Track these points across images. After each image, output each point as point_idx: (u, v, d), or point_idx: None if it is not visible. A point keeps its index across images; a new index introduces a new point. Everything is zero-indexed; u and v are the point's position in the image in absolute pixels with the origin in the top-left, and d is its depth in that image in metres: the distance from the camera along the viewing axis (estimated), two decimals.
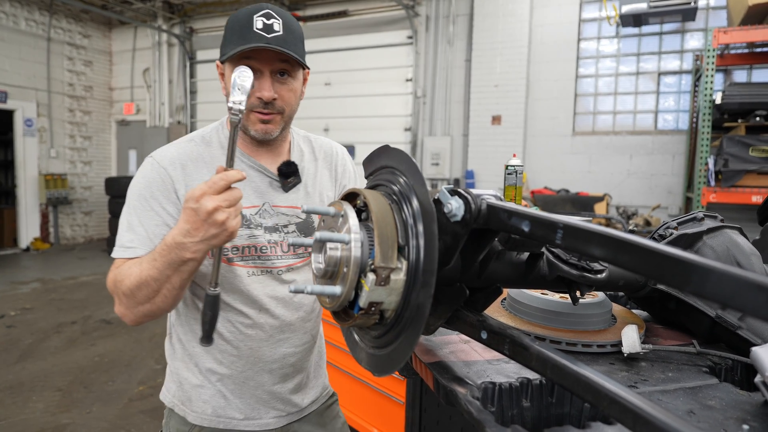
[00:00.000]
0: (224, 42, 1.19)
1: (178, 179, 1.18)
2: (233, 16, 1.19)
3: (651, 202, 6.42)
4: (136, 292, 1.07)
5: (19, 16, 8.85)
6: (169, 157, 1.20)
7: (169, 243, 1.02)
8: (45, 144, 9.38)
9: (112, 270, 1.15)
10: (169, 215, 1.17)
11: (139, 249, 1.14)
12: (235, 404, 1.29)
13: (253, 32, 1.13)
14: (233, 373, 1.28)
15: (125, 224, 1.18)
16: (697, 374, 0.94)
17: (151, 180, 1.18)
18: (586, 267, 0.93)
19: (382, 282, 0.72)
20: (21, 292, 6.31)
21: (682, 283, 0.48)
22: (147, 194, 1.17)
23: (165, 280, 1.05)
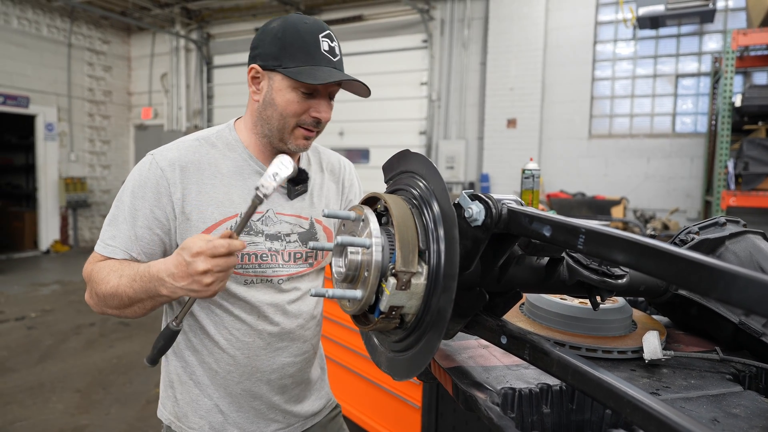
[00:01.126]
0: (278, 53, 1.13)
1: (174, 182, 1.15)
2: (293, 27, 1.14)
3: (669, 206, 6.34)
4: (109, 300, 1.10)
5: (41, 22, 9.03)
6: (170, 158, 1.17)
7: (152, 274, 1.03)
8: (65, 148, 9.54)
9: (90, 261, 1.17)
10: (156, 219, 1.15)
11: (119, 251, 1.14)
12: (232, 419, 1.25)
13: (321, 54, 1.14)
14: (230, 383, 1.24)
15: (111, 218, 1.17)
16: (720, 382, 0.93)
17: (146, 180, 1.15)
18: (606, 272, 0.92)
19: (402, 286, 0.72)
20: (41, 294, 6.42)
21: (708, 289, 0.48)
22: (139, 194, 1.15)
23: (138, 301, 1.08)
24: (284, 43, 1.13)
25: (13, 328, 5.05)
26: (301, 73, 1.11)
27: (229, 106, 9.72)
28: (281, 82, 1.14)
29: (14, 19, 8.63)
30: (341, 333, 2.83)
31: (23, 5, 8.73)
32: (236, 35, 9.51)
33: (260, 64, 1.16)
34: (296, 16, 1.17)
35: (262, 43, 1.16)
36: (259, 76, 1.18)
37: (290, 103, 1.14)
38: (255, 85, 1.19)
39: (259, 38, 1.18)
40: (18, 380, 3.85)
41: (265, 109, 1.17)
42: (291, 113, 1.15)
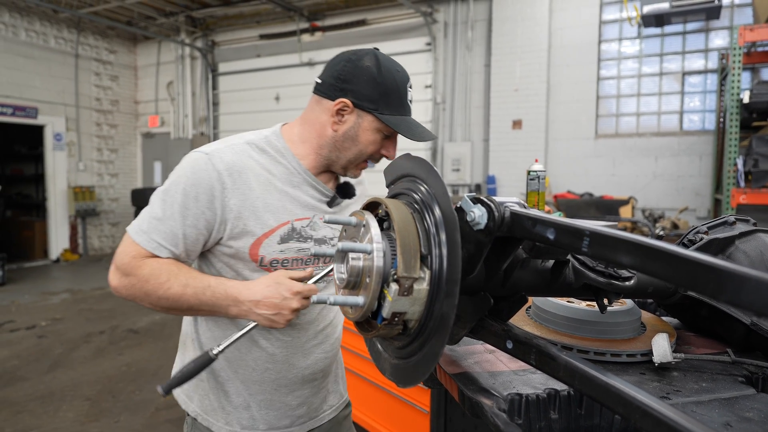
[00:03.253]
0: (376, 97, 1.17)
1: (230, 188, 1.15)
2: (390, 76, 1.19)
3: (678, 205, 6.28)
4: (161, 301, 1.12)
5: (48, 34, 9.13)
6: (226, 161, 1.16)
7: (228, 294, 1.09)
8: (74, 157, 9.62)
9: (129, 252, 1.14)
10: (206, 221, 1.15)
11: (164, 249, 1.14)
12: (261, 415, 1.28)
13: (407, 104, 1.23)
14: (265, 381, 1.27)
15: (158, 212, 1.15)
16: (732, 384, 0.91)
17: (201, 180, 1.14)
18: (613, 274, 0.90)
19: (405, 292, 0.71)
20: (51, 303, 6.46)
21: (717, 292, 0.46)
22: (192, 193, 1.14)
23: (195, 310, 1.14)
24: (383, 89, 1.18)
25: (24, 337, 5.08)
26: (398, 124, 1.18)
27: (235, 113, 9.77)
28: (371, 123, 1.19)
29: (22, 32, 8.73)
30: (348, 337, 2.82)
31: (31, 17, 8.83)
32: (241, 42, 9.56)
33: (353, 102, 1.18)
34: (387, 60, 1.22)
35: (356, 80, 1.18)
36: (347, 110, 1.20)
37: (372, 143, 1.21)
38: (338, 115, 1.21)
39: (350, 73, 1.19)
40: (29, 389, 3.87)
41: (343, 141, 1.22)
42: (369, 151, 1.22)
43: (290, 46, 8.97)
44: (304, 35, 8.81)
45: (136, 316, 5.87)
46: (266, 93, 9.31)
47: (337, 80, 1.20)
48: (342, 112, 1.20)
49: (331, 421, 1.44)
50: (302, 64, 8.87)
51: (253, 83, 9.46)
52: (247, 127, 10.21)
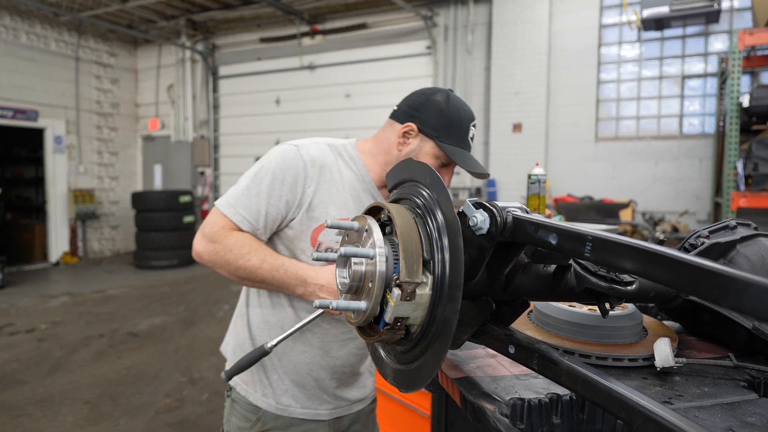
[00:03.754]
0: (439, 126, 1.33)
1: (311, 177, 1.31)
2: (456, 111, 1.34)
3: (678, 208, 6.29)
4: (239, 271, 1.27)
5: (49, 37, 9.15)
6: (312, 155, 1.33)
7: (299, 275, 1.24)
8: (74, 160, 9.63)
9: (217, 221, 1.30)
10: (286, 202, 1.31)
11: (246, 222, 1.30)
12: (293, 392, 1.40)
13: (468, 141, 1.36)
14: (299, 364, 1.39)
15: (244, 189, 1.31)
16: (734, 389, 0.91)
17: (289, 166, 1.31)
18: (615, 279, 0.90)
19: (407, 297, 0.71)
20: (51, 306, 6.45)
21: (720, 298, 0.46)
22: (279, 176, 1.30)
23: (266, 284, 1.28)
24: (447, 121, 1.33)
25: (23, 340, 5.08)
26: (454, 154, 1.32)
27: (235, 116, 9.79)
28: (431, 149, 1.34)
29: (23, 35, 8.75)
30: None
31: (32, 20, 8.84)
32: (241, 45, 9.58)
33: (419, 127, 1.35)
34: (457, 99, 1.37)
35: (425, 110, 1.35)
36: (413, 133, 1.36)
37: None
38: (404, 137, 1.37)
39: (422, 103, 1.36)
40: (28, 392, 3.87)
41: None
42: None
43: (291, 50, 8.99)
44: (305, 39, 8.83)
45: (135, 319, 5.87)
46: (267, 96, 9.33)
47: (409, 108, 1.37)
48: (408, 135, 1.36)
49: (359, 413, 1.53)
50: (302, 67, 8.89)
51: (254, 86, 9.48)
52: (248, 130, 10.22)
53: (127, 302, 6.66)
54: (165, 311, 6.21)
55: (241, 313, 1.49)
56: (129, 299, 6.84)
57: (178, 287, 7.62)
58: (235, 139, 9.83)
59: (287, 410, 1.41)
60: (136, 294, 7.16)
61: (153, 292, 7.30)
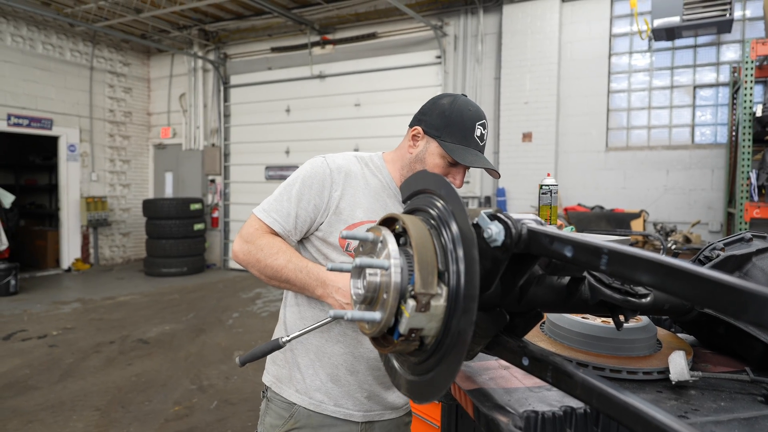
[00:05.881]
0: (441, 126, 1.40)
1: (337, 183, 1.41)
2: (458, 110, 1.40)
3: (690, 218, 6.23)
4: (267, 270, 1.36)
5: (64, 47, 9.30)
6: (338, 163, 1.44)
7: (320, 277, 1.32)
8: (87, 168, 9.74)
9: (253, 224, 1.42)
10: (315, 206, 1.41)
11: (277, 223, 1.40)
12: (326, 389, 1.43)
13: (473, 138, 1.40)
14: (334, 355, 1.43)
15: (277, 196, 1.43)
16: (751, 404, 0.90)
17: (316, 173, 1.41)
18: (629, 291, 0.90)
19: (422, 308, 0.71)
20: (63, 312, 6.51)
21: (739, 313, 0.46)
22: (308, 182, 1.41)
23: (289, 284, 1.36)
24: (449, 121, 1.40)
25: (35, 346, 5.12)
26: (454, 150, 1.38)
27: (246, 125, 9.86)
28: (436, 149, 1.41)
29: (39, 45, 8.90)
30: None
31: (47, 31, 9.00)
32: (252, 55, 9.67)
33: (424, 129, 1.43)
34: (464, 101, 1.42)
35: (430, 113, 1.43)
36: (419, 136, 1.44)
37: (436, 167, 1.41)
38: (413, 141, 1.46)
39: (429, 108, 1.45)
40: (40, 398, 3.89)
41: (414, 162, 1.45)
42: None
43: (301, 59, 9.06)
44: (315, 48, 8.90)
45: (145, 326, 5.90)
46: (277, 105, 9.39)
47: (419, 113, 1.47)
48: (416, 138, 1.45)
49: (392, 422, 1.53)
50: (313, 76, 8.96)
51: (264, 95, 9.55)
52: (258, 138, 10.29)
53: (137, 309, 6.70)
54: (174, 318, 6.24)
55: (280, 315, 1.57)
56: (139, 306, 6.88)
57: (188, 295, 7.66)
58: (245, 148, 9.90)
59: (320, 406, 1.43)
60: (146, 301, 7.20)
61: (163, 299, 7.34)
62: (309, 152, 8.96)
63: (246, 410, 3.80)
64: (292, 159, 9.23)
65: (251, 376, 4.42)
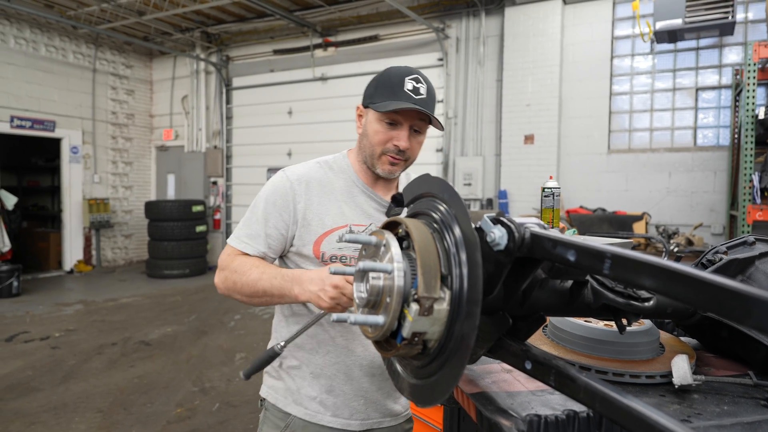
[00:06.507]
0: (373, 92, 1.39)
1: (300, 194, 1.39)
2: (387, 72, 1.39)
3: (692, 221, 6.22)
4: (245, 288, 1.33)
5: (67, 49, 9.33)
6: (298, 173, 1.42)
7: (293, 275, 1.26)
8: (89, 170, 9.76)
9: (228, 253, 1.41)
10: (283, 222, 1.39)
11: (250, 246, 1.39)
12: (322, 399, 1.42)
13: (404, 92, 1.34)
14: (327, 364, 1.42)
15: (245, 221, 1.42)
16: (755, 408, 0.90)
17: (277, 189, 1.40)
18: (632, 295, 0.90)
19: (425, 312, 0.71)
20: (65, 314, 6.51)
21: (743, 317, 0.46)
22: (271, 200, 1.40)
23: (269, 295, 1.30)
24: (377, 84, 1.39)
25: (38, 348, 5.13)
26: (381, 106, 1.34)
27: (248, 127, 9.87)
28: (371, 115, 1.40)
29: (42, 47, 8.93)
30: None
31: (51, 33, 9.03)
32: (254, 57, 9.69)
33: (362, 104, 1.44)
34: (396, 67, 1.41)
35: (366, 88, 1.43)
36: (362, 114, 1.45)
37: (377, 133, 1.38)
38: (359, 120, 1.46)
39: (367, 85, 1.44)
40: (42, 400, 3.90)
41: (362, 140, 1.43)
42: (377, 141, 1.38)
43: (303, 61, 9.08)
44: (317, 50, 8.92)
45: (147, 328, 5.90)
46: (279, 107, 9.41)
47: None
48: (360, 117, 1.46)
49: (392, 429, 1.50)
50: (315, 78, 8.97)
51: (266, 98, 9.57)
52: (260, 141, 10.28)
53: (139, 311, 6.71)
54: (176, 320, 6.25)
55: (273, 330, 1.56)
56: (141, 308, 6.89)
57: (190, 296, 7.66)
58: (247, 150, 9.91)
59: (316, 417, 1.41)
60: (148, 303, 7.21)
61: (165, 301, 7.35)
62: (311, 154, 8.93)
63: (248, 412, 3.80)
64: (294, 161, 9.23)
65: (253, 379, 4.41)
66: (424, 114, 1.36)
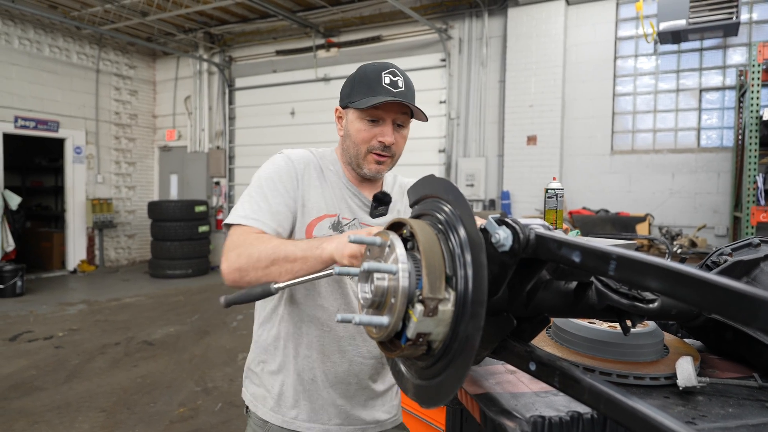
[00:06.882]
0: (350, 91, 1.37)
1: (301, 174, 1.37)
2: (362, 70, 1.37)
3: (696, 222, 6.21)
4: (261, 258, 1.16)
5: (71, 50, 9.35)
6: (298, 155, 1.41)
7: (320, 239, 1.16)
8: (92, 170, 9.79)
9: (236, 233, 1.26)
10: (290, 198, 1.34)
11: (258, 222, 1.27)
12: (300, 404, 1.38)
13: (382, 86, 1.32)
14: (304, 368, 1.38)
15: (247, 199, 1.32)
16: (760, 410, 0.89)
17: (281, 168, 1.36)
18: (637, 296, 0.90)
19: (430, 313, 0.71)
20: (68, 313, 6.53)
21: (748, 319, 0.46)
22: (276, 178, 1.35)
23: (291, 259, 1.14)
24: (354, 83, 1.37)
25: (41, 347, 5.14)
26: (360, 103, 1.32)
27: (251, 127, 9.89)
28: (352, 114, 1.37)
29: (46, 48, 8.96)
30: None
31: (54, 34, 9.06)
32: (257, 58, 9.70)
33: (340, 105, 1.41)
34: (370, 63, 1.39)
35: (342, 89, 1.42)
36: (341, 115, 1.42)
37: (359, 132, 1.35)
38: (339, 123, 1.43)
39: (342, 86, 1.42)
40: (45, 399, 3.91)
41: (345, 141, 1.41)
42: (360, 140, 1.36)
43: (306, 62, 9.08)
44: (320, 51, 8.92)
45: (150, 328, 5.91)
46: (282, 108, 9.42)
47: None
48: (340, 119, 1.43)
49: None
50: (318, 79, 8.98)
51: (269, 98, 9.58)
52: (263, 141, 10.29)
53: (142, 311, 6.72)
54: (179, 320, 6.26)
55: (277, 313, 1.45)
56: (144, 308, 6.90)
57: (192, 296, 7.68)
58: (249, 150, 9.93)
59: (294, 424, 1.38)
60: (151, 303, 7.22)
61: (168, 301, 7.36)
62: None
63: None
64: None
65: None
66: (406, 107, 1.34)
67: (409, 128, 1.42)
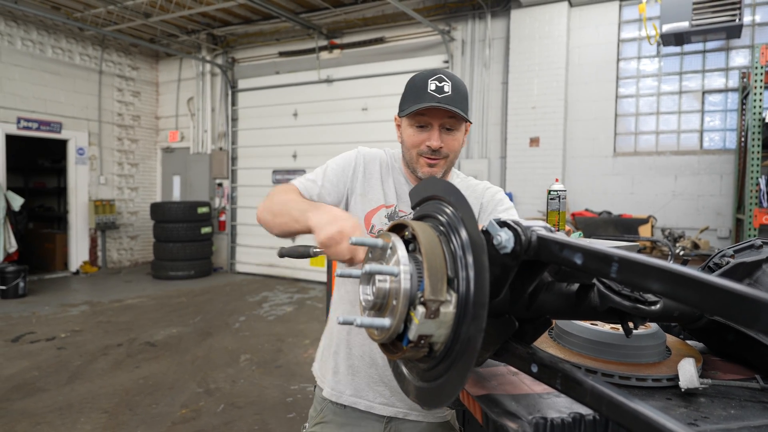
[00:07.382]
0: (402, 100, 1.46)
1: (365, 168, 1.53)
2: (412, 78, 1.46)
3: (698, 224, 6.19)
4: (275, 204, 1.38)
5: (74, 51, 9.38)
6: (366, 152, 1.57)
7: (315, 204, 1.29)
8: (95, 171, 9.81)
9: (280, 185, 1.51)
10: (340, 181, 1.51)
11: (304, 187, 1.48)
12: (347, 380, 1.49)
13: (427, 93, 1.38)
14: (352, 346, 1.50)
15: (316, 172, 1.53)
16: (762, 412, 0.89)
17: (348, 159, 1.54)
18: (639, 298, 0.90)
19: (431, 315, 0.71)
20: (71, 315, 6.54)
21: (750, 321, 0.46)
22: (340, 163, 1.53)
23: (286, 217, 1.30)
24: (405, 92, 1.46)
25: (43, 348, 5.15)
26: (407, 111, 1.41)
27: (253, 129, 9.90)
28: (404, 122, 1.47)
29: (49, 49, 8.99)
30: None
31: (57, 35, 9.09)
32: (260, 59, 9.72)
33: (397, 115, 1.51)
34: (420, 71, 1.46)
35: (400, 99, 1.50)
36: (399, 124, 1.52)
37: (410, 137, 1.45)
38: (398, 131, 1.54)
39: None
40: (48, 400, 3.92)
41: (402, 146, 1.52)
42: (411, 145, 1.45)
43: (309, 63, 9.09)
44: (323, 53, 8.94)
45: (153, 329, 5.92)
46: (284, 109, 9.43)
47: None
48: (398, 128, 1.53)
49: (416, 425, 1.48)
50: (320, 81, 8.99)
51: (272, 99, 9.59)
52: (266, 142, 10.28)
53: (144, 312, 6.73)
54: (182, 322, 6.26)
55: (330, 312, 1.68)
56: (147, 309, 6.91)
57: (195, 298, 7.68)
58: (252, 152, 9.94)
59: (341, 397, 1.49)
60: (153, 304, 7.23)
61: (170, 302, 7.37)
62: (316, 156, 8.98)
63: (252, 414, 3.80)
64: (299, 163, 9.26)
65: (257, 380, 4.43)
66: (451, 111, 1.39)
67: (465, 129, 1.49)
